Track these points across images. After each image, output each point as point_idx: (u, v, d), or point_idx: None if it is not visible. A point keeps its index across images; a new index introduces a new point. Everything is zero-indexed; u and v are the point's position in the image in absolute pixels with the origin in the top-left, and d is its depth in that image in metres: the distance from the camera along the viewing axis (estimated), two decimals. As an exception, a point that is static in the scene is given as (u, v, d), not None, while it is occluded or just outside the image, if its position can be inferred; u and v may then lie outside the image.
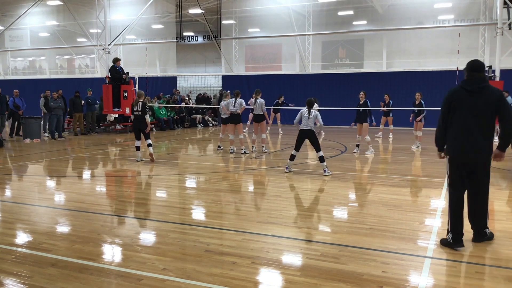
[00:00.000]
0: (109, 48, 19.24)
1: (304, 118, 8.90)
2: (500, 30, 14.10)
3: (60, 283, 3.82)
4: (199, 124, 22.38)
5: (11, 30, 28.70)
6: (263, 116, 12.28)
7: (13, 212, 6.22)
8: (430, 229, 5.34)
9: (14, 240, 5.08)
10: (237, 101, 11.62)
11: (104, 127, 19.94)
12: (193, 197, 7.49)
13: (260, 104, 12.07)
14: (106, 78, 17.13)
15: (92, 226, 5.48)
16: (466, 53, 20.44)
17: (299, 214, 6.21)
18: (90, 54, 29.22)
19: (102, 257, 4.47)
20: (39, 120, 15.76)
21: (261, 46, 25.62)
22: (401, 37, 22.13)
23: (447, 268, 4.16)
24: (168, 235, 5.10)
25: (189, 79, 26.48)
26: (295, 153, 9.08)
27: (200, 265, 4.18)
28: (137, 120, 10.49)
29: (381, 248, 4.66)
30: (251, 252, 4.54)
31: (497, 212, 6.42)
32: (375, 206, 6.44)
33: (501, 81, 13.60)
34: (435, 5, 20.98)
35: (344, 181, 8.47)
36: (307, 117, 8.85)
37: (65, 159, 11.77)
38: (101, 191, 7.97)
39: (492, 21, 19.38)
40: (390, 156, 11.93)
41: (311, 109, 8.91)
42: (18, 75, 31.58)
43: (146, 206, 6.70)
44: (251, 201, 7.11)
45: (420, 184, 8.22)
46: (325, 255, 4.46)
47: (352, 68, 23.20)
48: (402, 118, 20.19)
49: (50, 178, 9.03)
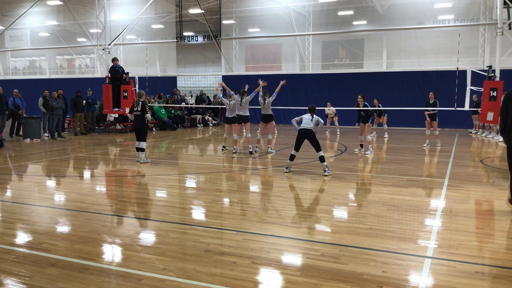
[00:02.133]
0: (109, 48, 19.24)
1: (305, 119, 9.03)
2: (500, 30, 14.09)
3: (60, 283, 3.82)
4: (199, 124, 22.39)
5: (11, 30, 28.70)
6: (271, 116, 12.27)
7: (13, 212, 6.22)
8: (430, 229, 5.34)
9: (14, 240, 5.08)
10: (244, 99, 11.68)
11: (104, 127, 19.95)
12: (193, 197, 7.49)
13: (268, 104, 12.06)
14: (106, 78, 17.13)
15: (92, 226, 5.48)
16: (466, 53, 20.45)
17: (299, 214, 6.21)
18: (90, 54, 29.21)
19: (102, 257, 4.47)
20: (39, 120, 15.76)
21: (261, 46, 25.61)
22: (401, 37, 22.12)
23: (447, 268, 4.15)
24: (168, 235, 5.10)
25: (189, 79, 26.47)
26: (294, 153, 9.11)
27: (200, 265, 4.18)
28: (137, 120, 10.46)
29: (381, 248, 4.66)
30: (251, 252, 4.54)
31: (497, 212, 6.42)
32: (375, 206, 6.44)
33: (501, 81, 13.58)
34: (435, 5, 20.98)
35: (344, 181, 8.47)
36: (310, 119, 8.99)
37: (65, 159, 11.77)
38: (101, 191, 7.97)
39: (492, 21, 19.37)
40: (390, 156, 11.93)
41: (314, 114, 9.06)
42: (18, 75, 31.57)
43: (146, 206, 6.70)
44: (251, 201, 7.11)
45: (420, 184, 8.21)
46: (325, 255, 4.45)
47: (352, 68, 23.19)
48: (398, 118, 20.29)
49: (50, 178, 9.04)
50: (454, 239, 4.96)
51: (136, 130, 10.53)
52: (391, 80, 20.89)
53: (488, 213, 6.54)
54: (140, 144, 10.39)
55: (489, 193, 7.57)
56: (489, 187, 8.19)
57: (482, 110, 13.75)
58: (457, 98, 14.70)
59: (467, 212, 6.20)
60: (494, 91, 13.22)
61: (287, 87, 22.43)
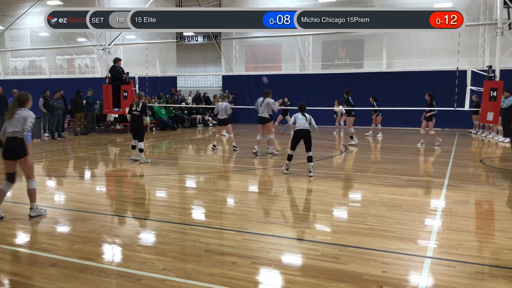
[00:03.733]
0: (109, 48, 19.23)
1: (299, 119, 8.92)
2: (500, 30, 14.08)
3: (60, 283, 3.82)
4: (199, 124, 22.39)
5: (11, 30, 28.70)
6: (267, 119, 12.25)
7: (13, 212, 6.22)
8: (430, 229, 5.33)
9: (14, 240, 5.08)
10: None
11: (104, 127, 19.95)
12: (193, 197, 7.49)
13: (266, 104, 12.04)
14: (106, 78, 17.13)
15: (92, 226, 5.48)
16: (466, 53, 20.45)
17: (299, 214, 6.21)
18: (90, 54, 29.20)
19: (102, 257, 4.47)
20: (39, 120, 15.76)
21: (261, 46, 25.60)
22: (401, 37, 22.12)
23: (447, 268, 4.15)
24: (168, 235, 5.10)
25: (189, 79, 26.46)
26: (292, 153, 9.08)
27: (200, 265, 4.18)
28: (134, 120, 10.52)
29: (381, 248, 4.66)
30: (251, 252, 4.54)
31: (497, 212, 6.43)
32: (375, 206, 6.44)
33: (501, 81, 13.58)
34: (435, 5, 20.96)
35: (344, 181, 8.47)
36: (304, 118, 8.91)
37: (65, 159, 11.77)
38: (101, 191, 7.97)
39: (492, 21, 19.37)
40: (390, 156, 11.92)
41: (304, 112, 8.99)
42: (18, 75, 31.55)
43: (146, 206, 6.70)
44: (251, 201, 7.11)
45: (420, 184, 8.21)
46: (325, 255, 4.45)
47: (352, 68, 23.19)
48: (398, 118, 20.29)
49: (50, 178, 9.04)
50: (454, 239, 4.96)
51: (133, 130, 10.62)
52: (391, 80, 20.89)
53: (488, 213, 6.54)
54: (138, 144, 10.42)
55: (489, 193, 7.57)
56: (489, 187, 8.19)
57: (482, 110, 13.76)
58: (457, 98, 14.71)
59: (467, 212, 6.20)
60: (494, 91, 13.21)
61: (287, 87, 22.51)
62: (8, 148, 5.64)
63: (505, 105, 14.12)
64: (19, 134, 5.60)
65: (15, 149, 5.61)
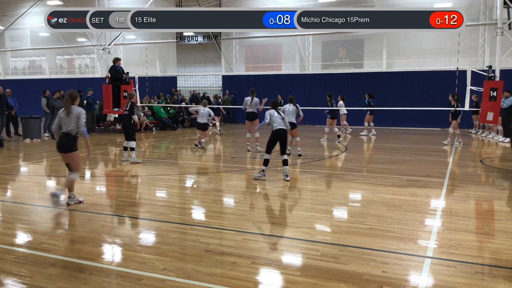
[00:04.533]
0: (109, 48, 19.22)
1: (275, 117, 8.41)
2: (500, 30, 14.08)
3: (60, 283, 3.82)
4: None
5: (11, 30, 28.69)
6: (256, 114, 12.57)
7: (13, 212, 6.22)
8: (430, 229, 5.33)
9: (14, 240, 5.08)
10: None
11: (104, 127, 19.94)
12: (193, 197, 7.49)
13: (255, 103, 12.44)
14: (106, 78, 17.12)
15: (92, 226, 5.48)
16: (466, 53, 20.44)
17: (299, 214, 6.21)
18: (90, 54, 29.19)
19: (102, 257, 4.47)
20: (39, 120, 15.76)
21: (261, 46, 25.60)
22: (401, 37, 22.11)
23: (447, 268, 4.15)
24: (168, 235, 5.10)
25: (189, 79, 26.46)
26: (268, 157, 8.42)
27: (200, 265, 4.17)
28: (123, 119, 10.68)
29: (381, 248, 4.66)
30: (251, 252, 4.54)
31: (497, 212, 6.43)
32: (375, 206, 6.44)
33: (501, 81, 13.58)
34: (435, 5, 20.95)
35: (344, 181, 8.47)
36: (280, 117, 8.42)
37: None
38: (101, 191, 7.97)
39: (492, 21, 19.37)
40: (390, 156, 11.92)
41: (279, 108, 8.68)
42: (18, 75, 31.56)
43: (146, 206, 6.69)
44: (251, 201, 7.11)
45: (420, 184, 8.21)
46: (325, 255, 4.45)
47: (352, 68, 23.19)
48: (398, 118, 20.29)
49: (50, 178, 9.03)
50: (454, 239, 4.96)
51: (123, 129, 10.77)
52: (391, 80, 20.89)
53: (488, 213, 6.54)
54: (129, 144, 10.43)
55: (489, 193, 7.57)
56: (489, 187, 8.19)
57: (482, 110, 13.77)
58: (457, 98, 14.70)
59: (467, 212, 6.20)
60: (494, 91, 13.22)
61: (288, 87, 22.49)
62: (61, 142, 6.38)
63: (505, 105, 14.12)
64: (73, 132, 6.32)
65: (66, 144, 6.32)
